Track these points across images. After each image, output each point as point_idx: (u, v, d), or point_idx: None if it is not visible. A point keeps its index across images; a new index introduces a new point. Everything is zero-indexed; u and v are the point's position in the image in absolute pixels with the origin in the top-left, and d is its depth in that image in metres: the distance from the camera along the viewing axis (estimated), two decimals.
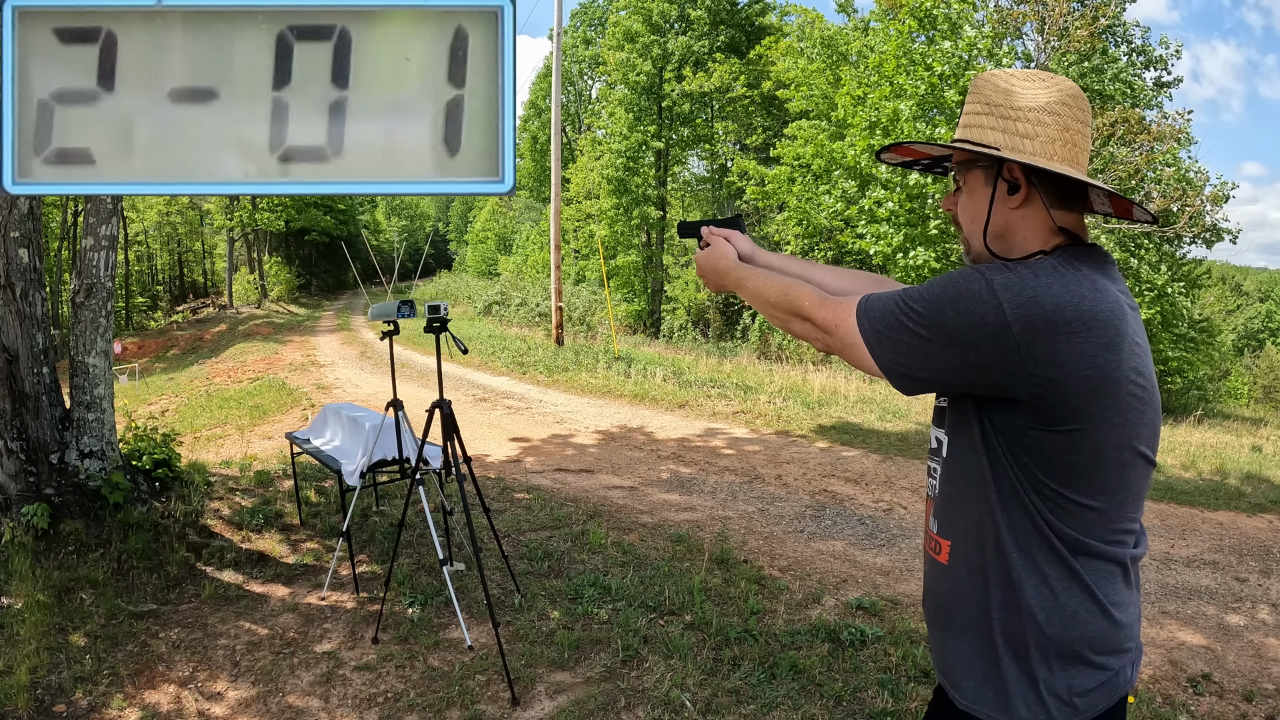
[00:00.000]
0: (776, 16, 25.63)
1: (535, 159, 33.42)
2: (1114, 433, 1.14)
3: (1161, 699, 3.21)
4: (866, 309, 1.23)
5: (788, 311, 1.34)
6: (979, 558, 1.21)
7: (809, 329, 1.31)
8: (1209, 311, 23.89)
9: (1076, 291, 1.12)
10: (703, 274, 1.58)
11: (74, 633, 3.54)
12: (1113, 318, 1.14)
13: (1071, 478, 1.14)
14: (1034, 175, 1.20)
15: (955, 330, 1.14)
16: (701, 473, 6.73)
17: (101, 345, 4.62)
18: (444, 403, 3.48)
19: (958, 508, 1.25)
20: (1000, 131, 1.22)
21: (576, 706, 3.06)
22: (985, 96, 1.25)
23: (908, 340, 1.17)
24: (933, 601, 1.32)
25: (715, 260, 1.53)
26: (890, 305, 1.21)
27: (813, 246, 20.47)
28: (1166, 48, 17.93)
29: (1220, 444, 9.45)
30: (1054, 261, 1.16)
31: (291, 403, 11.79)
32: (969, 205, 1.29)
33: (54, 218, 28.51)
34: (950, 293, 1.15)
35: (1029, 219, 1.23)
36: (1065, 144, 1.21)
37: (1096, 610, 1.17)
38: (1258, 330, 51.30)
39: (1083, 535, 1.16)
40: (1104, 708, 1.19)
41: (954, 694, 1.27)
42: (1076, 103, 1.22)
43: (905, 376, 1.21)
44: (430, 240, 64.74)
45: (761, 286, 1.41)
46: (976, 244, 1.28)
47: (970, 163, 1.27)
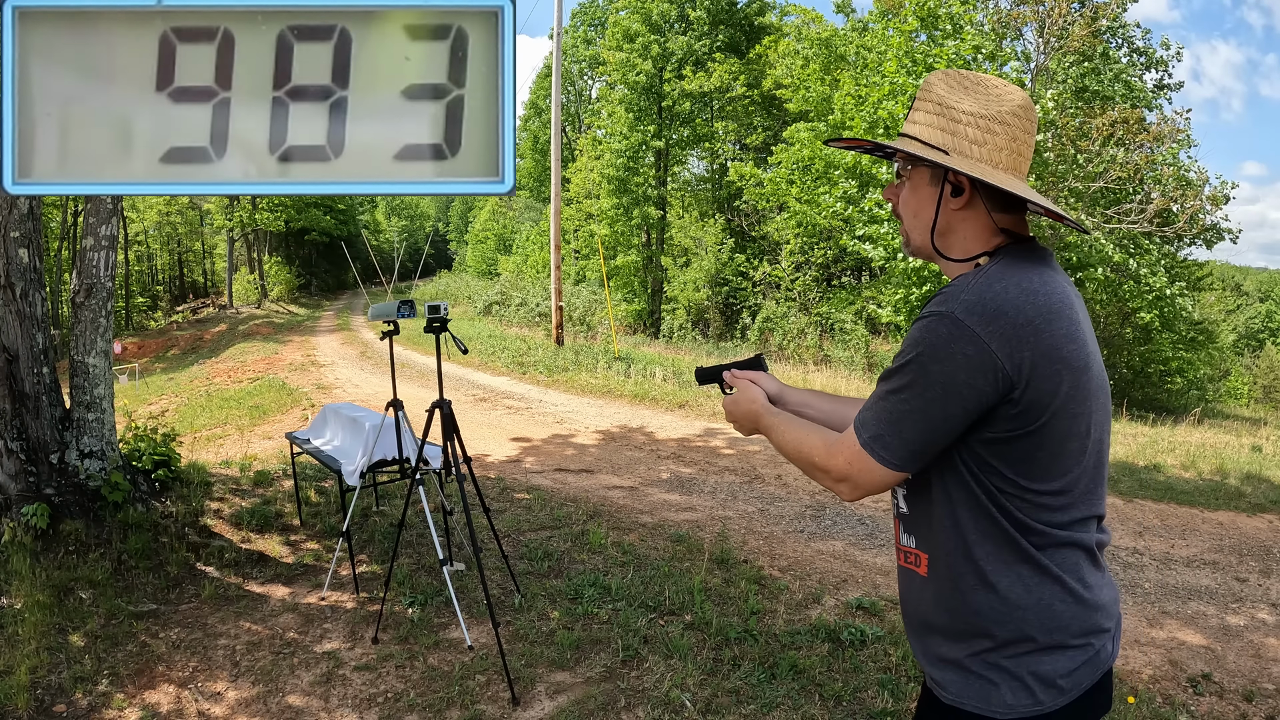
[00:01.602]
0: (776, 16, 25.62)
1: (535, 159, 33.41)
2: (1078, 421, 1.18)
3: (1161, 699, 3.21)
4: (862, 425, 1.24)
5: (806, 468, 1.35)
6: (955, 566, 1.24)
7: (828, 482, 1.30)
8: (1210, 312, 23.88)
9: (1029, 288, 1.16)
10: (733, 419, 1.56)
11: (74, 633, 3.54)
12: (1065, 308, 1.18)
13: (1035, 470, 1.17)
14: (978, 182, 1.22)
15: (947, 381, 1.15)
16: (701, 473, 6.73)
17: (101, 345, 4.62)
18: (444, 403, 3.48)
19: (929, 522, 1.27)
20: (949, 134, 1.24)
21: (576, 706, 3.06)
22: (937, 96, 1.26)
23: (910, 420, 1.18)
24: (914, 611, 1.34)
25: (746, 406, 1.52)
26: (877, 402, 1.23)
27: (812, 246, 20.47)
28: (1167, 49, 17.94)
29: (1220, 444, 9.45)
30: (999, 266, 1.20)
31: (291, 403, 11.79)
32: (911, 201, 1.31)
33: (54, 218, 28.50)
34: (925, 351, 1.16)
35: (970, 220, 1.26)
36: (1010, 153, 1.23)
37: (1070, 598, 1.20)
38: (1258, 330, 51.28)
39: (1048, 526, 1.19)
40: (1088, 684, 1.22)
41: (939, 690, 1.29)
42: (1026, 114, 1.24)
43: (922, 455, 1.20)
44: (430, 240, 64.75)
45: (782, 441, 1.41)
46: (919, 238, 1.31)
47: (916, 160, 1.29)
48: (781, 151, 19.99)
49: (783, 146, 20.06)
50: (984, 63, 15.08)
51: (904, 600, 1.38)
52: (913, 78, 15.37)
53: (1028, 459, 1.17)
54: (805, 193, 18.60)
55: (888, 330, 18.94)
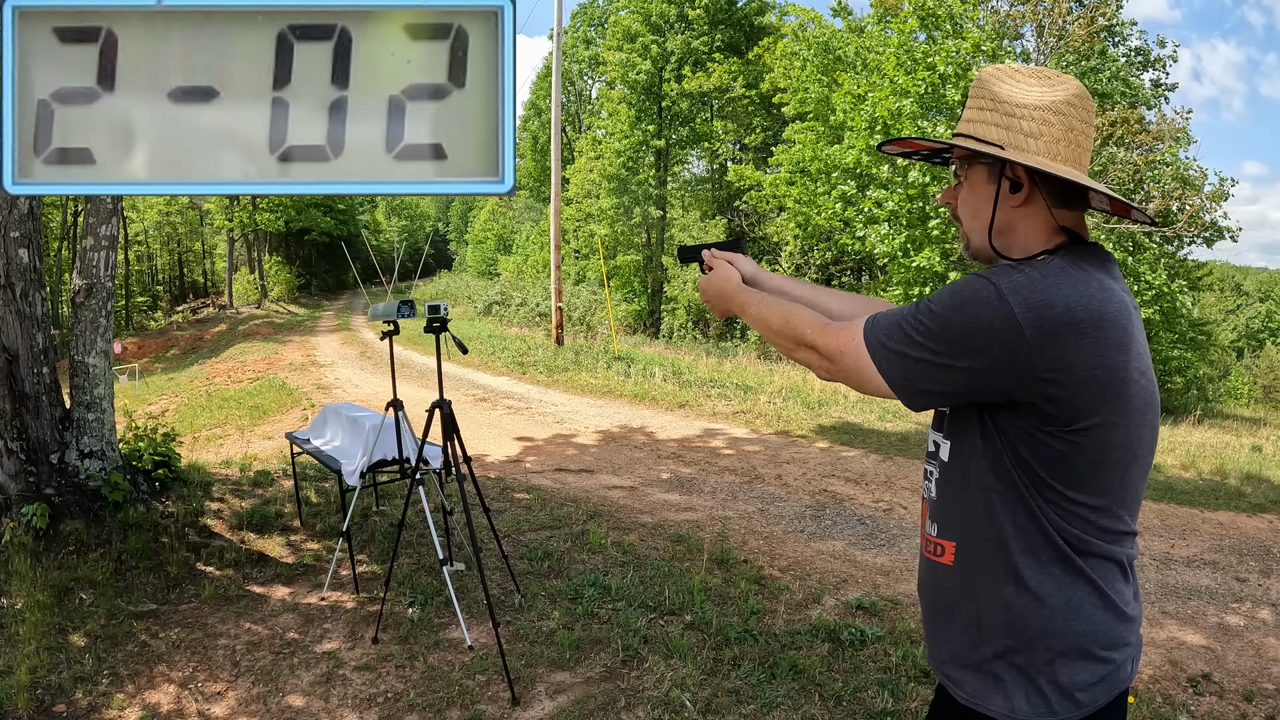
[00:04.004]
0: (776, 16, 25.62)
1: (535, 159, 33.41)
2: (1117, 433, 1.14)
3: (1161, 699, 3.21)
4: (874, 327, 1.22)
5: (790, 340, 1.33)
6: (984, 558, 1.21)
7: (812, 357, 1.29)
8: (1210, 312, 23.88)
9: (1085, 292, 1.12)
10: (707, 298, 1.56)
11: (74, 633, 3.54)
12: (1120, 318, 1.14)
13: (1074, 478, 1.15)
14: (1037, 175, 1.19)
15: (963, 338, 1.13)
16: (701, 473, 6.73)
17: (101, 345, 4.62)
18: (444, 403, 3.48)
19: (960, 511, 1.24)
20: (1004, 129, 1.21)
21: (576, 706, 3.06)
22: (990, 92, 1.23)
23: (917, 354, 1.16)
24: (935, 601, 1.32)
25: (719, 284, 1.52)
26: (897, 321, 1.20)
27: (812, 247, 20.47)
28: (1163, 47, 17.95)
29: (1220, 444, 9.45)
30: (1060, 261, 1.16)
31: (291, 403, 11.79)
32: (970, 201, 1.28)
33: (54, 218, 28.51)
34: (957, 301, 1.14)
35: (1030, 217, 1.22)
36: (1069, 144, 1.20)
37: (1100, 603, 1.18)
38: (1258, 330, 51.28)
39: (1084, 534, 1.16)
40: (1104, 702, 1.19)
41: (955, 690, 1.27)
42: (1082, 102, 1.21)
43: (917, 392, 1.20)
44: (430, 240, 64.75)
45: (764, 312, 1.39)
46: (978, 239, 1.27)
47: (972, 159, 1.26)
48: (781, 152, 19.99)
49: (783, 147, 20.06)
50: (984, 62, 15.07)
51: (924, 591, 1.35)
52: (912, 77, 15.37)
53: (1065, 464, 1.14)
54: (805, 193, 18.60)
55: None
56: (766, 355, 17.38)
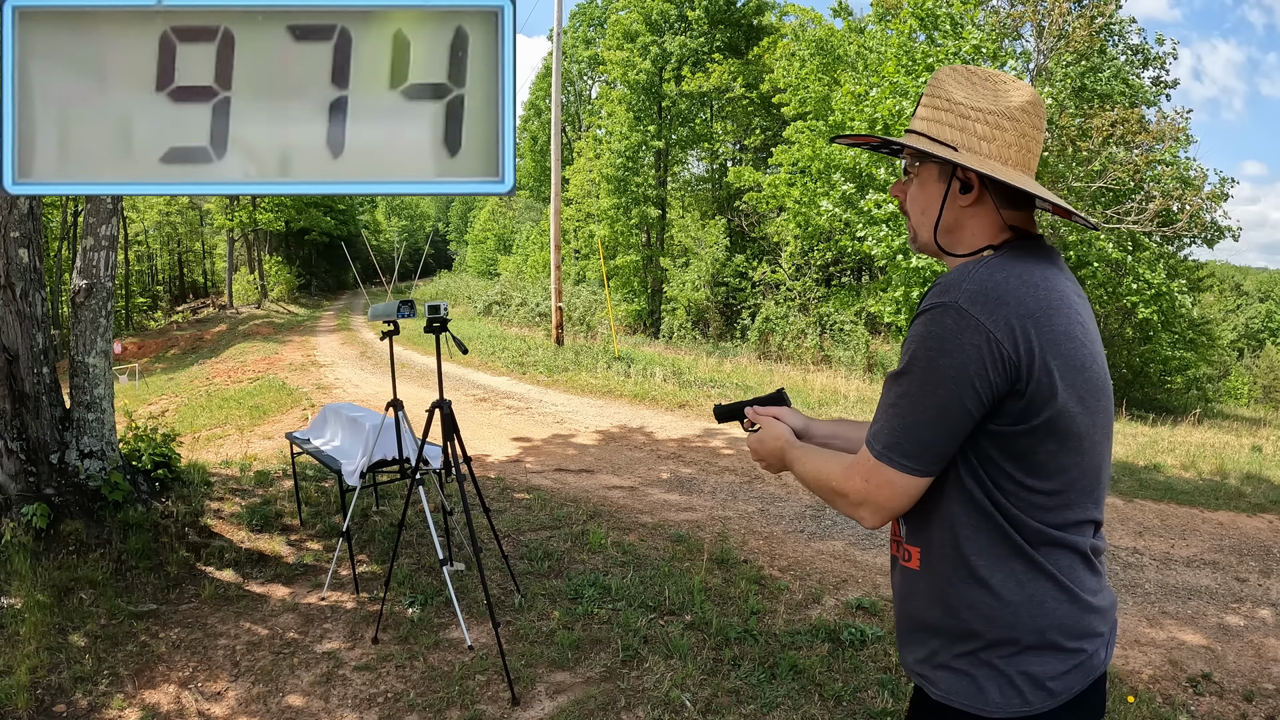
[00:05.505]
0: (776, 16, 25.61)
1: (535, 159, 33.40)
2: (1075, 421, 1.17)
3: (1161, 699, 3.21)
4: (874, 437, 1.21)
5: (828, 495, 1.31)
6: (947, 560, 1.23)
7: (849, 508, 1.27)
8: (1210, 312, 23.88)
9: (1029, 281, 1.16)
10: (759, 458, 1.52)
11: (74, 633, 3.54)
12: (1065, 306, 1.17)
13: (1034, 467, 1.16)
14: (987, 178, 1.22)
15: (958, 374, 1.13)
16: (701, 473, 6.73)
17: (101, 345, 4.62)
18: (444, 403, 3.48)
19: (923, 515, 1.26)
20: (958, 130, 1.23)
21: (576, 706, 3.06)
22: (946, 93, 1.26)
23: (927, 421, 1.15)
24: (905, 606, 1.34)
25: (771, 444, 1.48)
26: (887, 409, 1.20)
27: (812, 247, 20.47)
28: (1162, 44, 17.96)
29: (1220, 444, 9.45)
30: (1001, 258, 1.19)
31: (291, 403, 11.79)
32: (919, 197, 1.30)
33: (54, 218, 28.51)
34: (931, 344, 1.15)
35: (979, 217, 1.25)
36: (1020, 149, 1.22)
37: (1064, 596, 1.19)
38: (1258, 330, 51.26)
39: (1043, 525, 1.18)
40: (1079, 689, 1.21)
41: (930, 689, 1.28)
42: (1035, 109, 1.23)
43: (944, 456, 1.18)
44: (430, 240, 64.76)
45: (804, 472, 1.37)
46: (924, 234, 1.30)
47: (924, 156, 1.28)
48: (781, 153, 19.99)
49: (783, 147, 20.06)
50: (984, 62, 15.07)
51: (896, 595, 1.37)
52: (912, 77, 15.37)
53: (1027, 455, 1.16)
54: (805, 194, 18.60)
55: (888, 331, 18.94)
56: (766, 355, 17.39)
